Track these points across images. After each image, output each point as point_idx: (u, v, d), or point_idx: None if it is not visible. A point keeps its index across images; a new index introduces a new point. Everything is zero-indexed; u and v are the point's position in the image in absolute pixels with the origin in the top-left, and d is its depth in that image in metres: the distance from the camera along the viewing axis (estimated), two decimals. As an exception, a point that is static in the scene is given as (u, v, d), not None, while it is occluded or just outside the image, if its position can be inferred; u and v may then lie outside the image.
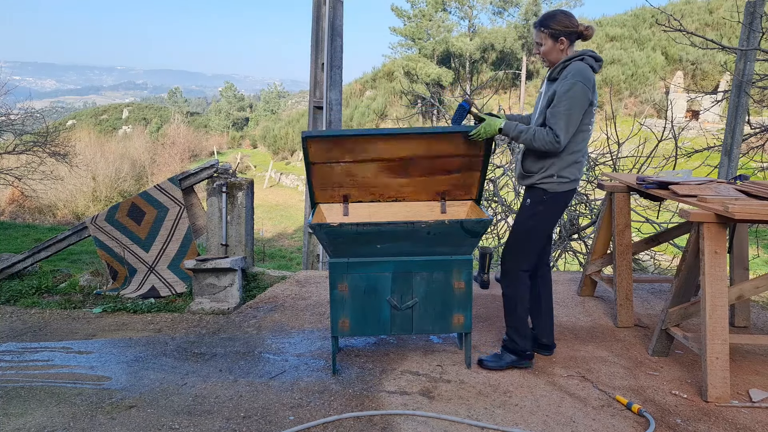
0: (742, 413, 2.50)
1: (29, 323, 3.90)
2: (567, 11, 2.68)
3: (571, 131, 2.57)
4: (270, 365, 3.02)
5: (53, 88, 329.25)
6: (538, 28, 2.68)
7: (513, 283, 2.81)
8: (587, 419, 2.45)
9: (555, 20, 2.62)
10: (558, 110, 2.54)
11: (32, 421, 2.46)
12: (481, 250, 4.46)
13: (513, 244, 2.82)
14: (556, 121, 2.55)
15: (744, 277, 3.36)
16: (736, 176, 3.31)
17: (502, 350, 2.91)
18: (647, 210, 6.11)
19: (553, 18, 2.63)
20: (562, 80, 2.58)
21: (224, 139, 46.84)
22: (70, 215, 20.13)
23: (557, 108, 2.55)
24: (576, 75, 2.55)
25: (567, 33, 2.61)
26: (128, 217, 4.67)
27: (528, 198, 2.76)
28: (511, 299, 2.83)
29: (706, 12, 31.82)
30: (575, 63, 2.61)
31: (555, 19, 2.63)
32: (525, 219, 2.78)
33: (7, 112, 12.98)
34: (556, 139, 2.55)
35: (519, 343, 2.84)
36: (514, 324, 2.84)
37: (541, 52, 2.69)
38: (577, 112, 2.55)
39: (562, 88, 2.55)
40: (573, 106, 2.53)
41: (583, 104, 2.56)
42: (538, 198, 2.72)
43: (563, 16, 2.64)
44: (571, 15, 2.65)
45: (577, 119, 2.57)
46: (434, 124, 28.30)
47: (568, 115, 2.54)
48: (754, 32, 5.43)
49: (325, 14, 5.67)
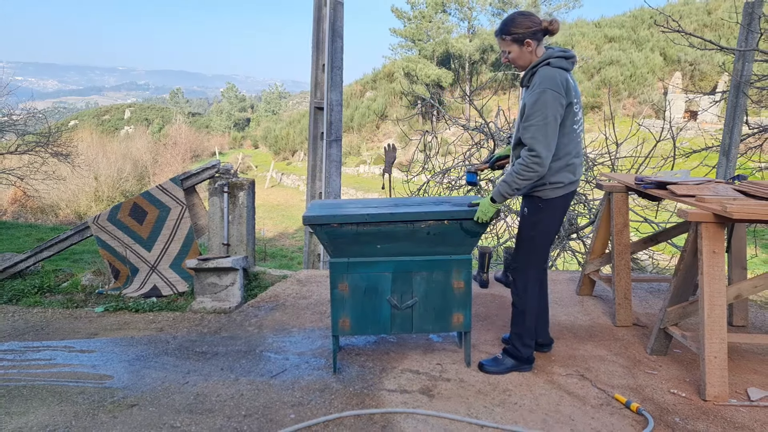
0: (741, 412, 2.52)
1: (31, 322, 3.92)
2: (525, 11, 2.57)
3: (551, 143, 2.44)
4: (271, 364, 3.04)
5: (55, 88, 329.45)
6: (499, 36, 2.55)
7: (524, 295, 2.77)
8: (586, 418, 2.46)
9: (515, 24, 2.51)
10: (531, 125, 2.43)
11: (34, 419, 2.48)
12: (480, 250, 4.48)
13: (519, 256, 2.77)
14: (532, 138, 2.42)
15: (742, 276, 3.38)
16: (734, 176, 3.33)
17: (503, 355, 2.88)
18: (645, 210, 6.13)
19: (513, 22, 2.52)
20: (531, 90, 2.47)
21: (226, 139, 46.89)
22: (73, 215, 20.15)
23: (530, 123, 2.43)
24: (543, 82, 2.43)
25: (531, 34, 2.50)
26: (130, 217, 4.69)
27: (525, 207, 2.71)
28: (521, 311, 2.79)
29: (705, 13, 31.81)
30: (541, 69, 2.49)
31: (515, 23, 2.51)
32: (526, 229, 2.72)
33: (10, 112, 13.00)
34: (537, 160, 2.43)
35: (522, 352, 2.84)
36: (520, 333, 2.82)
37: (510, 59, 2.56)
38: (552, 122, 2.42)
39: (530, 100, 2.44)
40: (546, 117, 2.41)
41: (556, 111, 2.43)
42: (535, 206, 2.66)
43: (522, 18, 2.52)
44: (530, 14, 2.54)
45: (555, 128, 2.44)
46: (434, 124, 28.31)
47: (543, 128, 2.41)
48: (753, 33, 5.45)
49: (325, 16, 5.69)
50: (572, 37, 34.62)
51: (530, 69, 2.54)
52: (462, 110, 29.33)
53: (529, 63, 2.55)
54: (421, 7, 35.95)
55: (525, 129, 2.46)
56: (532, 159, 2.45)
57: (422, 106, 30.92)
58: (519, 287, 2.78)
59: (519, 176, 2.49)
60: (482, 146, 6.56)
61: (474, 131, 6.58)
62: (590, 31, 35.04)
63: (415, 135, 15.80)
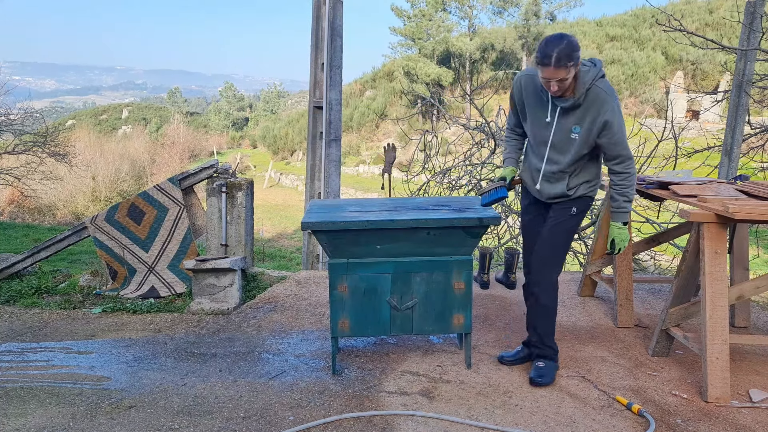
0: (743, 413, 2.50)
1: (29, 323, 3.90)
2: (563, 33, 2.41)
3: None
4: (270, 365, 3.02)
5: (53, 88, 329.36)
6: (563, 65, 2.33)
7: (553, 294, 2.77)
8: (587, 419, 2.45)
9: (574, 47, 2.35)
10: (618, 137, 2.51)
11: (32, 421, 2.46)
12: (481, 251, 4.46)
13: (552, 256, 2.75)
14: (625, 146, 2.55)
15: (744, 277, 3.36)
16: (737, 176, 3.31)
17: (544, 361, 2.80)
18: (647, 210, 6.11)
19: (573, 46, 2.35)
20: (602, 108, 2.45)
21: (224, 139, 46.85)
22: (70, 215, 20.12)
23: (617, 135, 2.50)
24: (611, 95, 2.47)
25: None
26: (128, 217, 4.66)
27: (574, 207, 2.72)
28: (552, 309, 2.78)
29: (707, 12, 31.82)
30: (601, 83, 2.47)
31: (573, 46, 2.35)
32: (570, 227, 2.74)
33: (7, 112, 12.97)
34: (633, 162, 2.60)
35: (554, 347, 2.83)
36: (550, 330, 2.80)
37: (562, 86, 2.41)
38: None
39: (611, 117, 2.45)
40: (623, 124, 2.53)
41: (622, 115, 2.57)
42: (586, 205, 2.76)
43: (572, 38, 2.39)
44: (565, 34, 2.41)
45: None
46: (434, 124, 28.29)
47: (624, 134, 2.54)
48: (755, 32, 5.43)
49: (324, 14, 5.66)
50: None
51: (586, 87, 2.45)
52: (462, 109, 29.32)
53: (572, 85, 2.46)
54: (422, 6, 35.93)
55: (614, 143, 2.52)
56: (631, 164, 2.59)
57: (422, 106, 30.92)
58: (549, 285, 2.76)
59: (630, 185, 2.63)
60: (483, 146, 6.54)
61: (474, 131, 6.56)
62: (592, 29, 35.06)
63: (415, 134, 15.77)
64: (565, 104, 2.51)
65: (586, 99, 2.48)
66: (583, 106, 2.50)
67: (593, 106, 2.47)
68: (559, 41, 2.35)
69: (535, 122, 2.66)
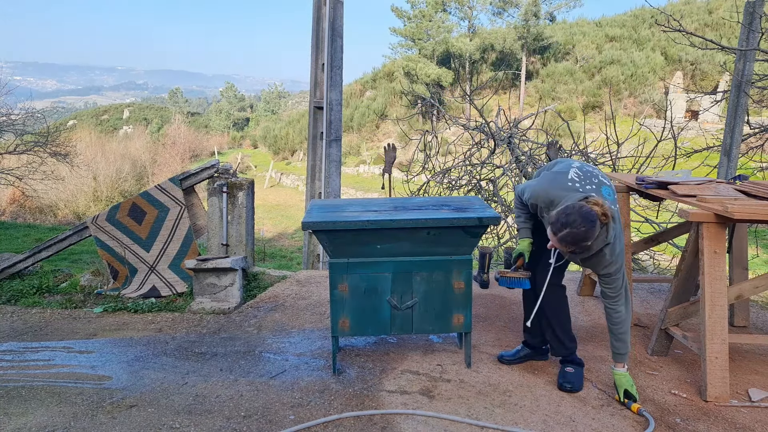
0: (742, 413, 2.51)
1: (30, 323, 3.91)
2: (586, 220, 2.27)
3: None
4: (270, 365, 3.03)
5: (54, 88, 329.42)
6: (567, 245, 2.34)
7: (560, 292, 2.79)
8: (587, 419, 2.45)
9: (585, 239, 2.30)
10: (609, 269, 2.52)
11: (33, 420, 2.47)
12: (481, 250, 4.47)
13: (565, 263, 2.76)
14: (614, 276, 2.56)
15: (743, 276, 3.37)
16: (736, 176, 3.32)
17: (570, 365, 2.78)
18: (646, 210, 6.12)
19: (583, 237, 2.28)
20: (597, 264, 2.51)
21: (225, 139, 46.85)
22: (71, 215, 20.13)
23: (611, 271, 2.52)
24: (614, 244, 2.46)
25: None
26: (129, 217, 4.67)
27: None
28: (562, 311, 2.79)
29: (706, 12, 31.81)
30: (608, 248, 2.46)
31: (585, 238, 2.29)
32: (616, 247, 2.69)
33: (8, 112, 12.98)
34: (621, 304, 2.62)
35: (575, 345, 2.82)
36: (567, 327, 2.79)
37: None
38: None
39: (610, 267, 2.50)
40: (614, 262, 2.50)
41: (622, 244, 2.53)
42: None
43: (586, 231, 2.28)
44: (589, 221, 2.29)
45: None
46: (434, 124, 28.29)
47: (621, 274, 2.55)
48: (754, 32, 5.44)
49: (325, 15, 5.68)
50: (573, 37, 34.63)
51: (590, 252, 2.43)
52: (462, 110, 29.32)
53: None
54: (422, 6, 35.94)
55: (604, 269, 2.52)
56: (621, 307, 2.59)
57: (422, 106, 30.89)
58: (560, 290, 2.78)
59: (626, 332, 2.60)
60: (483, 146, 6.55)
61: (474, 131, 6.57)
62: (591, 30, 35.06)
63: (415, 135, 15.77)
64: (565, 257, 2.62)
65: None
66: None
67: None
68: (573, 225, 2.28)
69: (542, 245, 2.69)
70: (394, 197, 3.75)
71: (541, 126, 6.88)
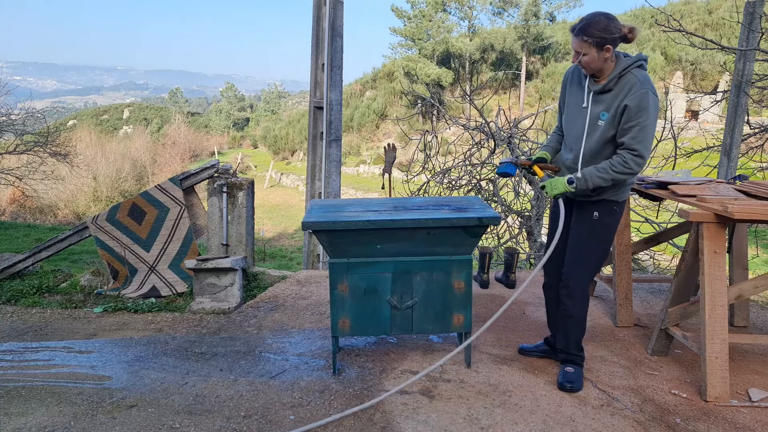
0: (742, 413, 2.51)
1: (30, 323, 3.91)
2: (608, 14, 2.40)
3: (650, 145, 2.40)
4: (270, 365, 3.03)
5: (54, 88, 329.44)
6: (579, 36, 2.38)
7: (584, 302, 2.71)
8: (587, 419, 2.45)
9: (599, 27, 2.34)
10: (637, 126, 2.36)
11: (33, 420, 2.47)
12: (481, 250, 4.47)
13: (584, 263, 2.66)
14: (640, 140, 2.37)
15: (743, 276, 3.37)
16: (736, 176, 3.32)
17: (573, 367, 2.76)
18: (647, 210, 6.12)
19: (597, 24, 2.35)
20: (629, 93, 2.37)
21: (225, 139, 46.87)
22: (71, 215, 20.14)
23: (634, 123, 2.36)
24: (645, 84, 2.36)
25: (612, 39, 2.36)
26: (129, 217, 4.68)
27: (595, 212, 2.60)
28: (580, 319, 2.73)
29: (706, 12, 31.84)
30: (636, 71, 2.40)
31: (599, 25, 2.35)
32: (598, 234, 2.63)
33: (8, 112, 13.00)
34: (640, 161, 2.39)
35: (582, 355, 2.80)
36: (580, 338, 2.77)
37: (582, 61, 2.43)
38: (653, 124, 2.37)
39: (634, 102, 2.35)
40: (648, 118, 2.35)
41: (657, 114, 2.38)
42: (610, 210, 2.60)
43: (607, 21, 2.36)
44: (613, 18, 2.39)
45: (654, 130, 2.39)
46: (434, 124, 28.29)
47: (645, 129, 2.36)
48: (754, 32, 5.44)
49: (325, 15, 5.68)
50: (572, 37, 34.59)
51: (619, 72, 2.41)
52: (462, 110, 29.32)
53: (601, 68, 2.44)
54: (422, 6, 35.95)
55: (627, 129, 2.39)
56: (633, 159, 2.40)
57: (422, 106, 30.90)
58: (579, 295, 2.69)
59: (615, 170, 2.43)
60: (483, 146, 6.55)
61: (474, 131, 6.57)
62: (590, 30, 35.00)
63: (415, 135, 15.77)
64: (596, 88, 2.49)
65: (617, 84, 2.43)
66: (613, 92, 2.44)
67: (622, 91, 2.40)
68: (591, 15, 2.38)
69: (572, 108, 2.63)
70: (394, 197, 3.75)
71: (541, 126, 6.88)
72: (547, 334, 3.09)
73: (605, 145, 2.51)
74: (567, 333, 2.77)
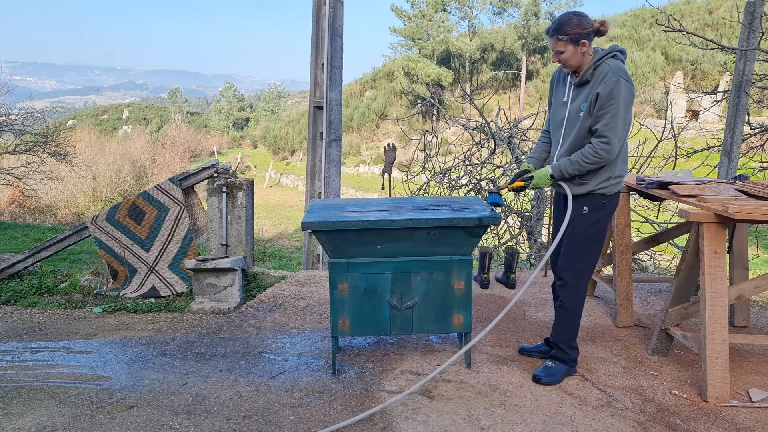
0: (742, 413, 2.51)
1: (30, 323, 3.91)
2: (578, 12, 2.57)
3: (622, 132, 2.47)
4: (270, 365, 3.02)
5: (53, 88, 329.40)
6: (555, 36, 2.53)
7: (578, 297, 2.74)
8: (587, 419, 2.45)
9: (571, 24, 2.50)
10: (605, 113, 2.44)
11: (33, 420, 2.47)
12: (481, 251, 4.46)
13: (576, 258, 2.70)
14: (610, 127, 2.44)
15: (744, 276, 3.36)
16: (736, 176, 3.31)
17: (554, 362, 2.80)
18: (647, 210, 6.12)
19: (569, 22, 2.50)
20: (601, 82, 2.46)
21: (224, 139, 46.87)
22: (71, 215, 20.14)
23: (604, 111, 2.44)
24: (617, 72, 2.44)
25: (586, 34, 2.49)
26: (128, 217, 4.67)
27: (585, 206, 2.63)
28: (573, 313, 2.75)
29: (706, 12, 31.83)
30: (610, 61, 2.49)
31: (570, 23, 2.50)
32: (586, 228, 2.66)
33: (8, 112, 12.99)
34: (607, 147, 2.45)
35: (571, 354, 2.80)
36: (570, 335, 2.78)
37: (561, 59, 2.55)
38: (624, 111, 2.45)
39: (605, 90, 2.43)
40: (619, 106, 2.43)
41: (630, 101, 2.45)
42: (598, 204, 2.63)
43: (578, 18, 2.51)
44: (584, 15, 2.54)
45: (626, 118, 2.46)
46: (434, 124, 28.29)
47: (616, 116, 2.43)
48: (754, 32, 5.43)
49: (325, 14, 5.67)
50: (572, 37, 34.57)
51: (594, 63, 2.51)
52: (462, 110, 29.32)
53: (580, 63, 2.54)
54: (422, 6, 35.95)
55: (599, 117, 2.48)
56: (602, 146, 2.47)
57: (422, 106, 30.90)
58: (573, 291, 2.72)
59: (585, 160, 2.52)
60: (483, 146, 6.55)
61: (474, 131, 6.56)
62: (590, 30, 34.98)
63: (415, 135, 15.77)
64: (575, 81, 2.58)
65: (593, 75, 2.52)
66: (590, 83, 2.53)
67: (597, 81, 2.50)
68: (562, 16, 2.54)
69: (556, 103, 2.73)
70: (394, 197, 3.74)
71: (541, 126, 6.87)
72: (547, 335, 3.09)
73: (586, 135, 2.58)
74: (558, 325, 2.81)
